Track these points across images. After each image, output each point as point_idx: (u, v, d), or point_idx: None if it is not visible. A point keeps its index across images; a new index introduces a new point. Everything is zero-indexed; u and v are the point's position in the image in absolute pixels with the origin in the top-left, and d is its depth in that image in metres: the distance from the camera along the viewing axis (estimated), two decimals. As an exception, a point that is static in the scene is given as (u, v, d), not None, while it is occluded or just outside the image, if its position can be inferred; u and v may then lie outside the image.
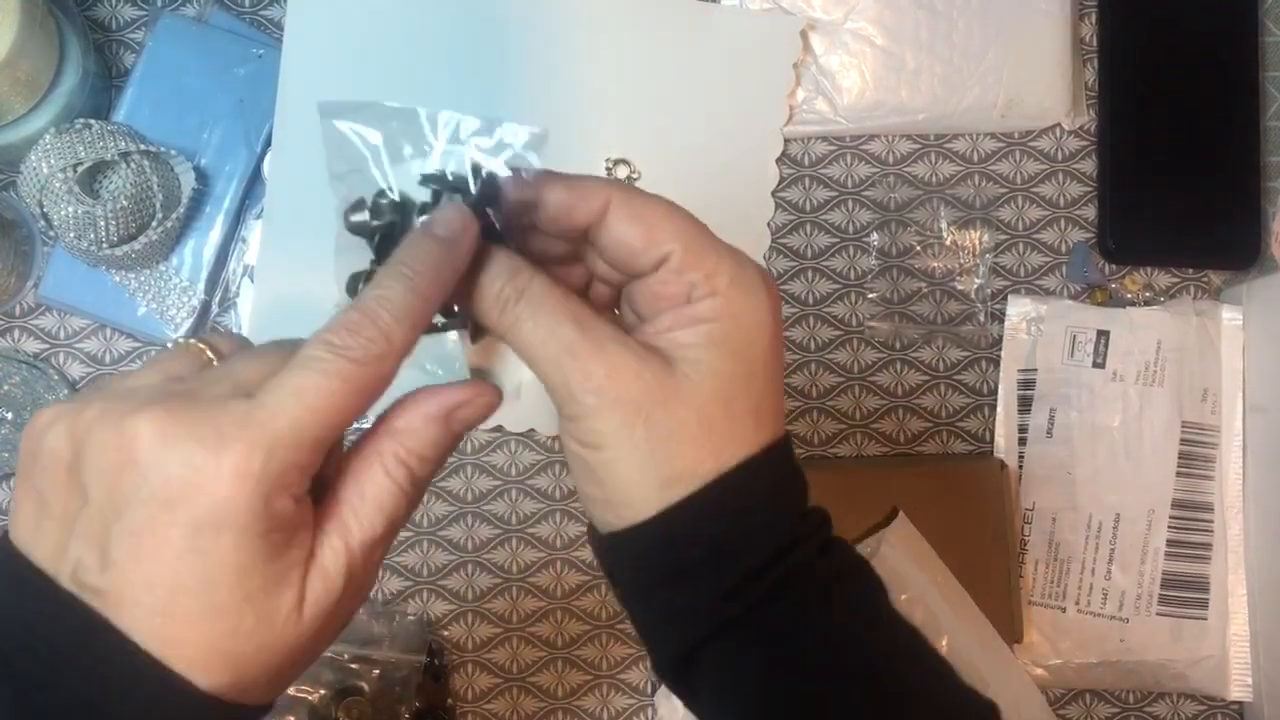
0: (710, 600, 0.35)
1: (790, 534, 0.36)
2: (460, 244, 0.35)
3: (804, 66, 0.71)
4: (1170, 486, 0.70)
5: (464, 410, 0.36)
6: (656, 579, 0.36)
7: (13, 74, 0.60)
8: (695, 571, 0.35)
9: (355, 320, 0.33)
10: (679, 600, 0.36)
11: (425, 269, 0.34)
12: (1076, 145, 0.73)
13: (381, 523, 0.34)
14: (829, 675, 0.36)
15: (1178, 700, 0.71)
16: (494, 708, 0.69)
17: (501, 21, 0.69)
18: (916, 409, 0.72)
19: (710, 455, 0.35)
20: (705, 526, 0.35)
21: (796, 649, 0.35)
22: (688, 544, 0.35)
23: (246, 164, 0.68)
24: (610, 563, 0.37)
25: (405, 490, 0.34)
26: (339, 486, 0.34)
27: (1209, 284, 0.73)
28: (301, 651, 0.33)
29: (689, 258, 0.35)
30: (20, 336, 0.69)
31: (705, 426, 0.34)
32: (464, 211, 0.35)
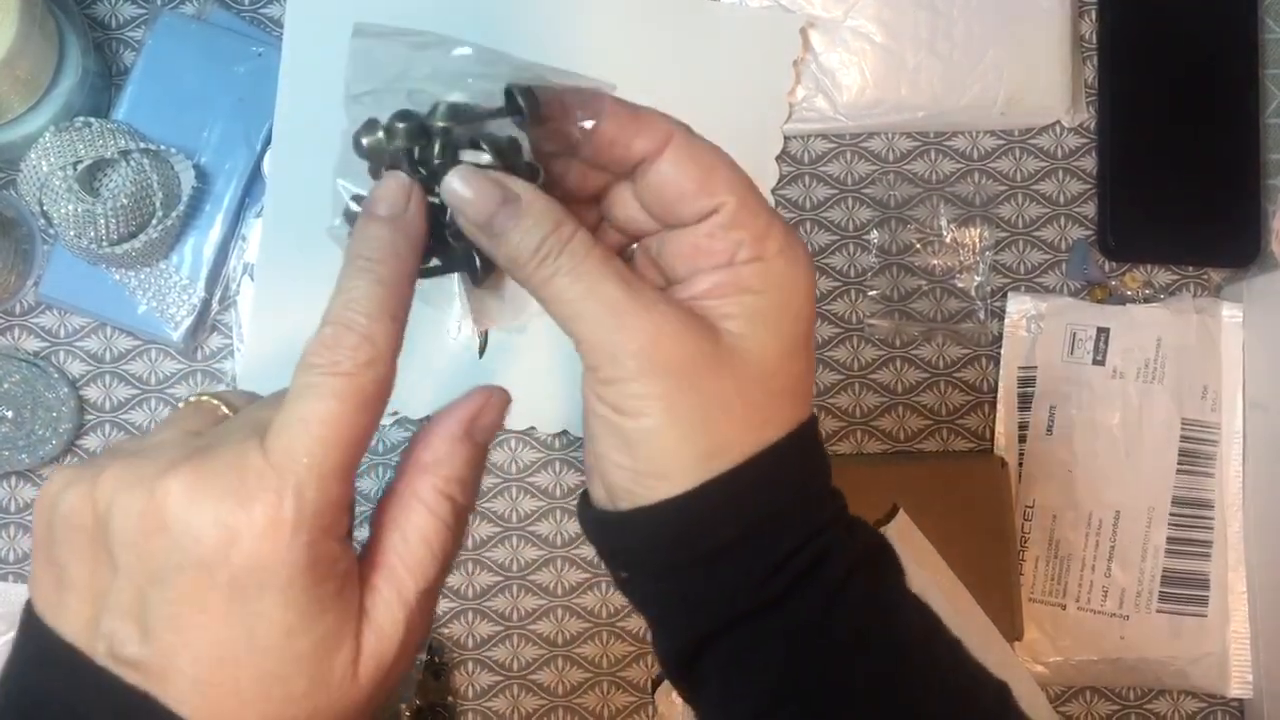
0: (747, 581, 0.33)
1: (822, 515, 0.35)
2: (408, 217, 0.33)
3: (804, 64, 0.71)
4: (1170, 484, 0.70)
5: (483, 418, 0.35)
6: (686, 558, 0.33)
7: (12, 72, 0.60)
8: (731, 550, 0.33)
9: (331, 335, 0.31)
10: (710, 581, 0.34)
11: (382, 255, 0.32)
12: (1076, 142, 0.73)
13: (433, 565, 0.32)
14: (855, 655, 0.34)
15: (1178, 697, 0.71)
16: (494, 705, 0.69)
17: (500, 20, 0.69)
18: (917, 406, 0.72)
19: (752, 430, 0.33)
20: (745, 504, 0.33)
21: (824, 632, 0.34)
22: (726, 521, 0.33)
23: (246, 162, 0.68)
24: (625, 540, 0.35)
25: (450, 525, 0.33)
26: (381, 537, 0.32)
27: (1209, 281, 0.73)
28: (358, 713, 0.31)
29: (742, 214, 0.33)
30: (20, 335, 0.69)
31: (748, 401, 0.33)
32: (401, 181, 0.33)
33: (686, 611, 0.35)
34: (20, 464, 0.67)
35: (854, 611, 0.35)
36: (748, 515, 0.33)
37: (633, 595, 0.37)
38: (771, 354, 0.33)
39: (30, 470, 0.68)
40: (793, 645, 0.34)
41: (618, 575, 0.36)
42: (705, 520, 0.33)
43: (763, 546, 0.34)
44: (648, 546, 0.34)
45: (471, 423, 0.34)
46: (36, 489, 0.68)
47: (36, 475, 0.68)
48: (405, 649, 0.32)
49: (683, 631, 0.35)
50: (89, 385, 0.69)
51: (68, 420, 0.67)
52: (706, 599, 0.34)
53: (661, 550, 0.34)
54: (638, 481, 0.33)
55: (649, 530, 0.34)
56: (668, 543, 0.34)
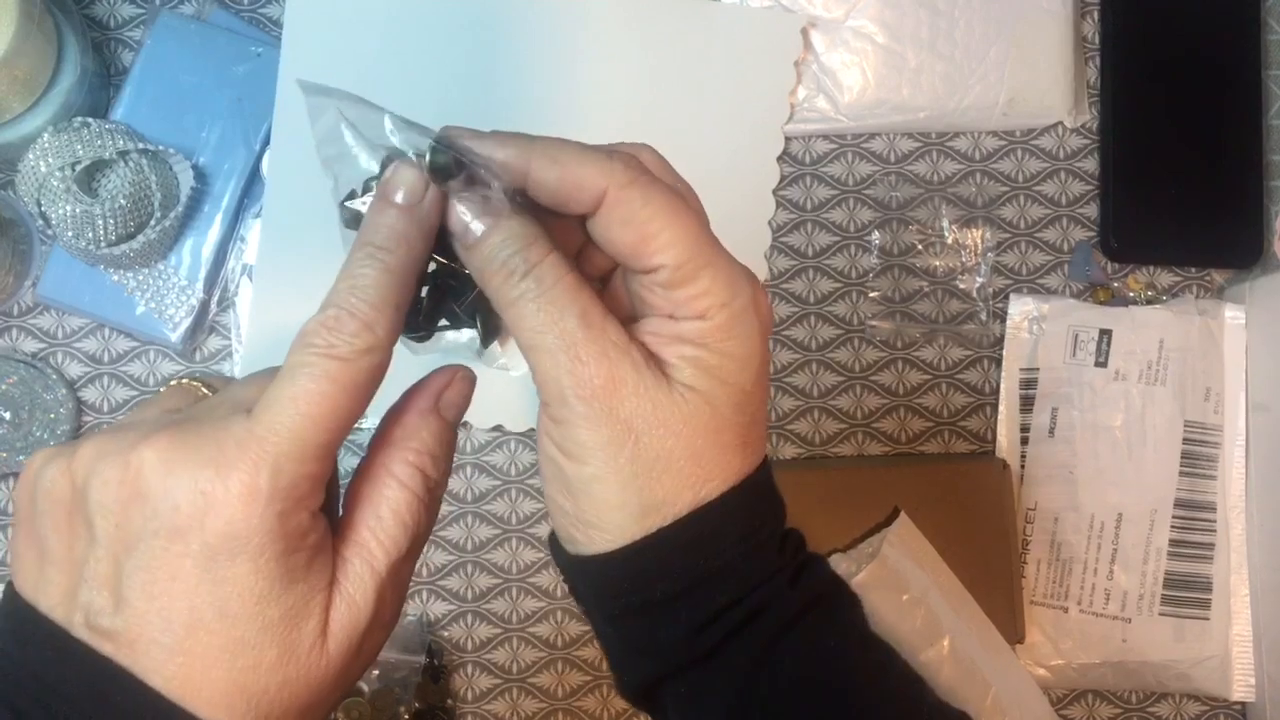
0: (681, 635, 0.34)
1: (766, 566, 0.34)
2: (424, 208, 0.32)
3: (805, 64, 0.70)
4: (1173, 486, 0.69)
5: (449, 392, 0.35)
6: (623, 608, 0.34)
7: (10, 72, 0.60)
8: (665, 605, 0.33)
9: (333, 317, 0.31)
10: (647, 632, 0.34)
11: (394, 244, 0.32)
12: (1078, 143, 0.73)
13: (405, 538, 0.33)
14: (796, 705, 0.34)
15: (1180, 701, 0.71)
16: (494, 708, 0.69)
17: (501, 19, 0.69)
18: (918, 408, 0.71)
19: (691, 487, 0.33)
20: (679, 561, 0.33)
21: (763, 682, 0.34)
22: (659, 578, 0.33)
23: (245, 162, 0.68)
24: (575, 583, 0.36)
25: (422, 498, 0.33)
26: (353, 510, 0.33)
27: (1211, 283, 0.73)
28: (329, 687, 0.32)
29: (677, 275, 0.32)
30: (18, 336, 0.68)
31: (692, 457, 0.33)
32: (419, 169, 0.33)
33: (633, 656, 0.35)
34: (18, 466, 0.67)
35: (797, 660, 0.34)
36: (680, 573, 0.33)
37: (591, 626, 0.38)
38: (721, 406, 0.33)
39: (28, 472, 0.68)
40: (734, 696, 0.34)
41: (579, 605, 0.37)
42: (637, 576, 0.33)
43: (696, 602, 0.33)
44: (590, 592, 0.35)
45: (439, 395, 0.35)
46: (34, 490, 0.68)
47: (34, 477, 0.68)
48: (377, 621, 0.32)
49: (631, 672, 0.36)
50: (87, 386, 0.69)
51: (66, 422, 0.67)
52: (647, 649, 0.34)
53: (604, 598, 0.34)
54: (578, 528, 0.33)
55: (589, 578, 0.34)
56: (607, 593, 0.34)
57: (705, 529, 0.33)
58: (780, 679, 0.34)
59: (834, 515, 0.65)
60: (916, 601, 0.62)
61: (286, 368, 0.31)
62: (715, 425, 0.33)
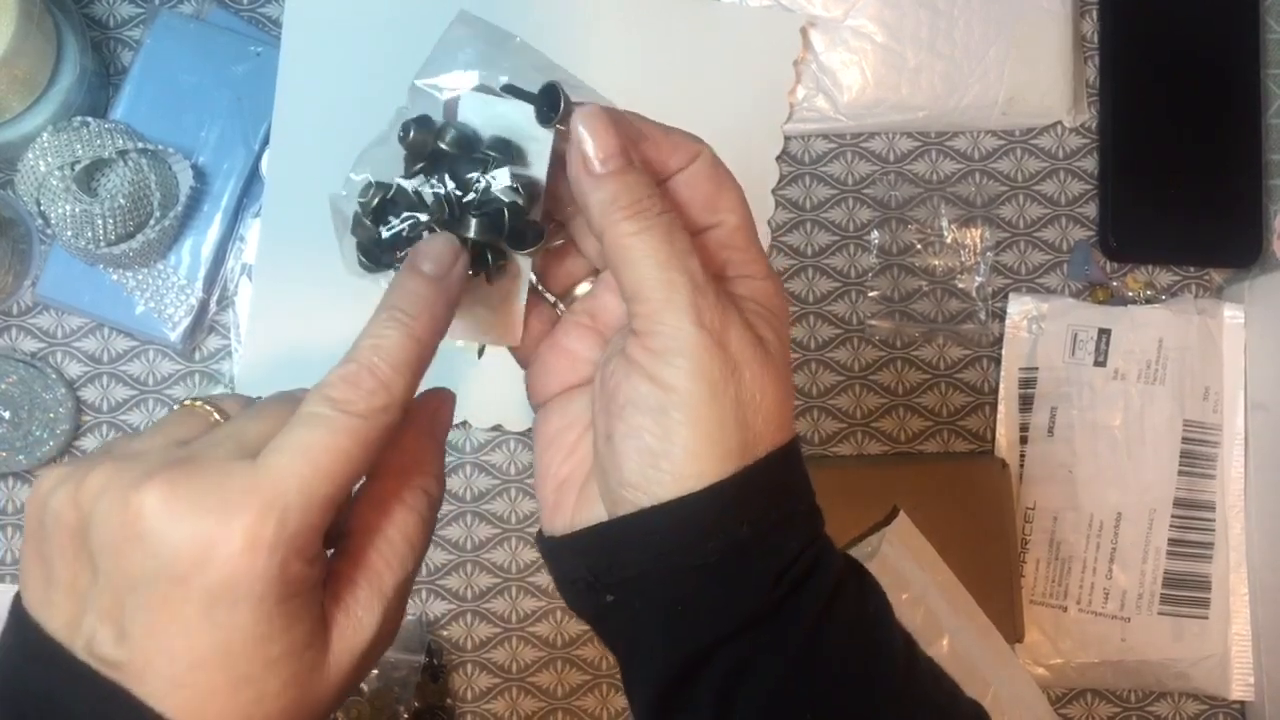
0: (766, 581, 0.33)
1: (818, 522, 0.36)
2: (451, 279, 0.34)
3: (804, 64, 0.70)
4: (1172, 485, 0.69)
5: (440, 415, 0.37)
6: (698, 559, 0.32)
7: (10, 72, 0.60)
8: (745, 552, 0.33)
9: (354, 373, 0.32)
10: (719, 586, 0.33)
11: (419, 311, 0.33)
12: (1078, 143, 0.73)
13: (411, 559, 0.34)
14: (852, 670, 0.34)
15: (1179, 700, 0.71)
16: (493, 708, 0.69)
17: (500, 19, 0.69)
18: (917, 408, 0.71)
19: (776, 430, 0.34)
20: (762, 502, 0.33)
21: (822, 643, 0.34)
22: (747, 519, 0.33)
23: (245, 162, 0.68)
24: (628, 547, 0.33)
25: (426, 518, 0.35)
26: (364, 539, 0.34)
27: (1210, 282, 0.73)
28: (331, 702, 0.32)
29: (737, 234, 0.35)
30: (18, 335, 0.68)
31: (778, 401, 0.34)
32: (452, 243, 0.34)
33: (686, 623, 0.33)
34: (18, 465, 0.67)
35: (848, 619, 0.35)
36: (763, 514, 0.33)
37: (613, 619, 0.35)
38: (782, 358, 0.35)
39: (28, 471, 0.68)
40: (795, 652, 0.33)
41: (595, 601, 0.35)
42: (726, 515, 0.33)
43: (774, 548, 0.33)
44: (658, 549, 0.33)
45: (433, 417, 0.36)
46: (34, 490, 0.68)
47: (34, 477, 0.68)
48: (380, 638, 0.33)
49: (679, 648, 0.34)
50: (86, 386, 0.69)
51: (65, 421, 0.67)
52: (713, 605, 0.33)
53: (674, 552, 0.33)
54: (662, 465, 0.33)
55: (666, 526, 0.33)
56: (682, 543, 0.33)
57: (786, 473, 0.34)
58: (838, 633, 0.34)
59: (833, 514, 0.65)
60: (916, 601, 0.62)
61: (300, 416, 0.31)
62: (785, 374, 0.35)
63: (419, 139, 0.35)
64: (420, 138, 0.35)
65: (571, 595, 0.37)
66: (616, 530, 0.34)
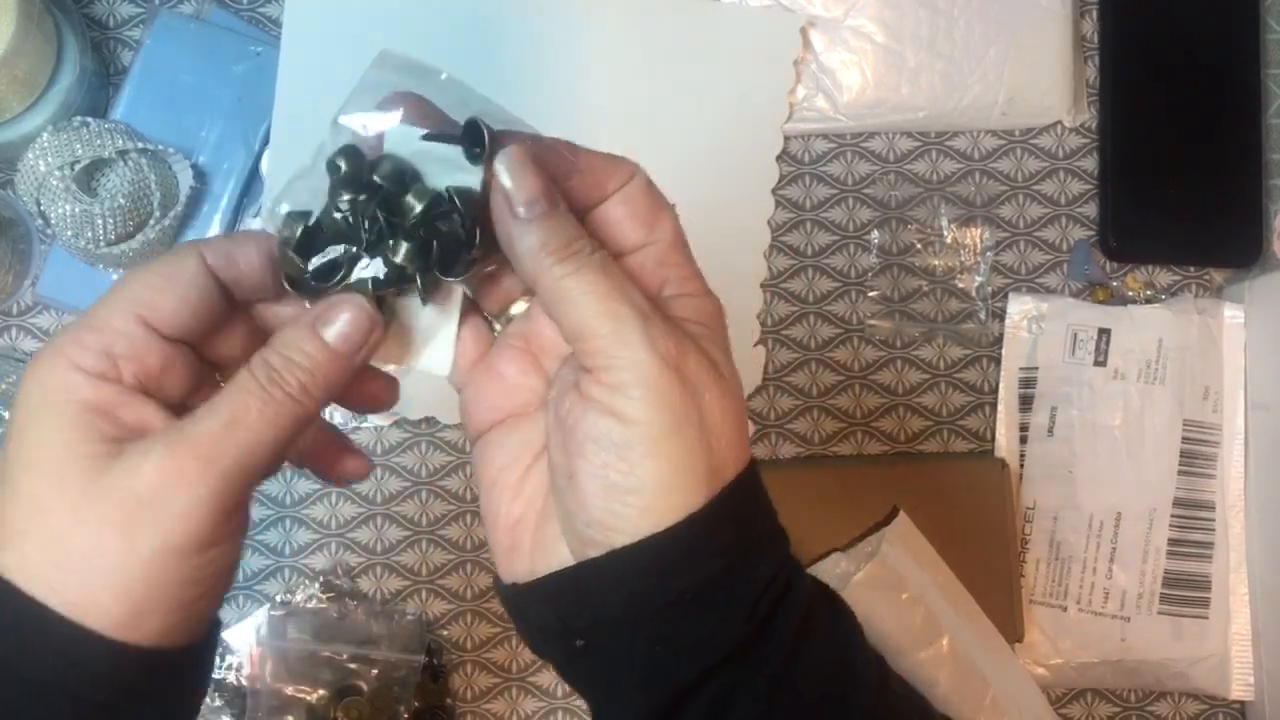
0: (740, 612, 0.32)
1: (786, 545, 0.34)
2: (357, 359, 0.33)
3: (804, 64, 0.70)
4: (1172, 485, 0.69)
5: (329, 312, 0.34)
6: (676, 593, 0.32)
7: (10, 72, 0.60)
8: (723, 580, 0.32)
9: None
10: (696, 620, 0.32)
11: (315, 386, 0.33)
12: (1078, 143, 0.73)
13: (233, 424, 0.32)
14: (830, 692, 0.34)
15: (1179, 699, 0.71)
16: (493, 707, 0.69)
17: (500, 19, 0.69)
18: (917, 407, 0.71)
19: (738, 451, 0.33)
20: (732, 531, 0.32)
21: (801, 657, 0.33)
22: (720, 549, 0.32)
23: (244, 162, 0.68)
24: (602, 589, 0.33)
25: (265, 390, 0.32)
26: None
27: (1210, 282, 0.73)
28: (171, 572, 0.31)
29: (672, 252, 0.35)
30: (18, 335, 0.68)
31: (736, 424, 0.33)
32: (368, 316, 0.33)
33: (665, 661, 0.32)
34: (17, 465, 0.66)
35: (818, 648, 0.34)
36: (735, 542, 0.33)
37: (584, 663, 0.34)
38: (733, 379, 0.34)
39: (27, 471, 0.68)
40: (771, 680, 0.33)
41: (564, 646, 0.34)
42: (699, 548, 0.32)
43: (746, 577, 0.33)
44: (631, 590, 0.32)
45: (319, 318, 0.35)
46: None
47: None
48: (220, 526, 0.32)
49: (659, 687, 0.33)
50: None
51: (65, 421, 0.67)
52: (692, 642, 0.32)
53: (649, 592, 0.32)
54: (629, 501, 0.32)
55: (639, 566, 0.32)
56: (658, 581, 0.32)
57: (752, 496, 0.33)
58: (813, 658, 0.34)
59: (833, 514, 0.65)
60: (915, 600, 0.62)
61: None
62: (739, 395, 0.34)
63: (351, 171, 0.34)
64: (352, 170, 0.34)
65: (538, 641, 0.35)
66: (587, 574, 0.33)
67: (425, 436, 0.69)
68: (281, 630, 0.65)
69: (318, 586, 0.68)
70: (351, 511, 0.69)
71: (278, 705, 0.64)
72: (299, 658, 0.64)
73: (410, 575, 0.69)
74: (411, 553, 0.69)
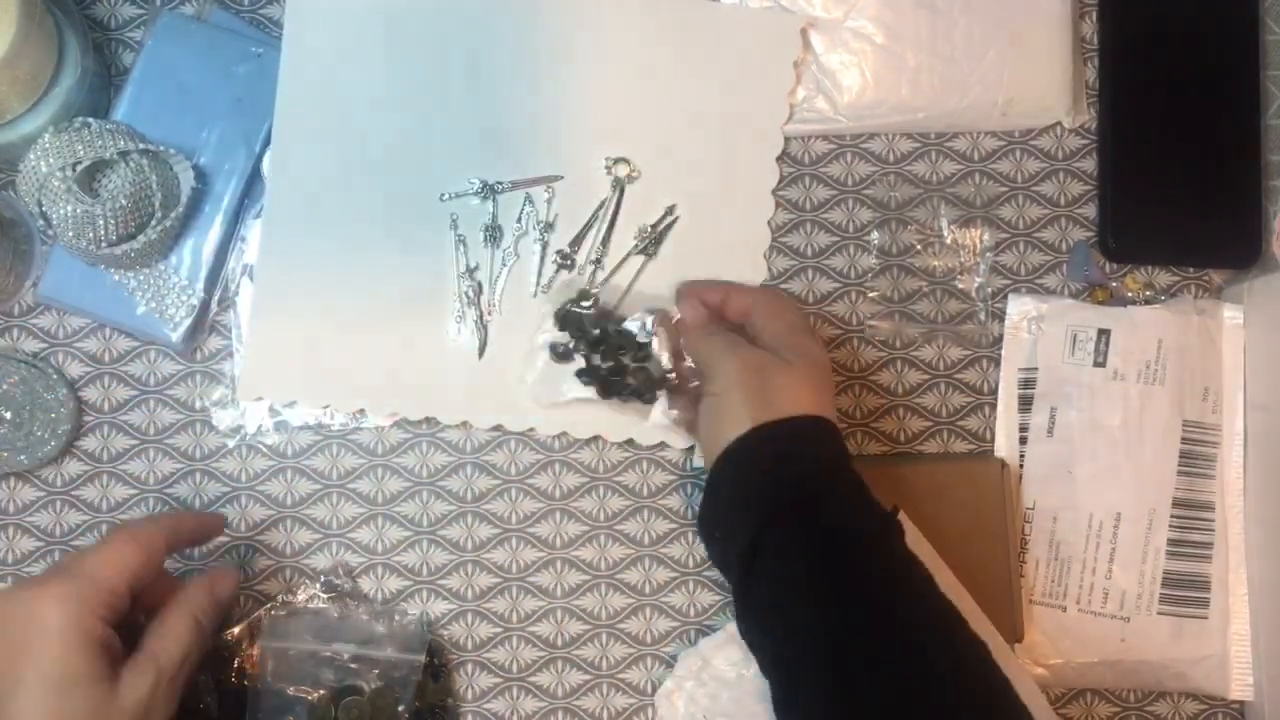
0: (800, 475, 0.56)
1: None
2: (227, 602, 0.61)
3: (804, 65, 0.71)
4: (1171, 485, 0.69)
5: (221, 581, 0.59)
6: (768, 461, 0.56)
7: (11, 73, 0.60)
8: (796, 455, 0.57)
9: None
10: (777, 478, 0.56)
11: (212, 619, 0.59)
12: (1077, 144, 0.73)
13: (180, 653, 0.54)
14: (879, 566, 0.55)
15: (1179, 699, 0.71)
16: (494, 707, 0.69)
17: (500, 20, 0.69)
18: (917, 408, 0.71)
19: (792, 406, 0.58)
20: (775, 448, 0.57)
21: (845, 533, 0.55)
22: (791, 439, 0.57)
23: (246, 163, 0.68)
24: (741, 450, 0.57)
25: (195, 633, 0.56)
26: (153, 631, 0.55)
27: (1210, 283, 0.73)
28: None
29: (753, 324, 0.64)
30: (19, 336, 0.68)
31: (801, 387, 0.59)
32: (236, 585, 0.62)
33: (748, 509, 0.56)
34: (19, 465, 0.67)
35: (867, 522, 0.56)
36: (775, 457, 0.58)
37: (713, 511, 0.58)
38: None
39: (29, 471, 0.68)
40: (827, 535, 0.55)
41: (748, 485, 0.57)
42: (786, 435, 0.58)
43: (806, 456, 0.58)
44: (744, 457, 0.57)
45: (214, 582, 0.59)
46: (35, 490, 0.68)
47: (35, 476, 0.68)
48: (153, 698, 0.53)
49: (742, 531, 0.56)
50: (88, 386, 0.69)
51: (66, 421, 0.67)
52: (771, 491, 0.56)
53: (751, 459, 0.58)
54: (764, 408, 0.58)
55: (751, 441, 0.57)
56: (758, 452, 0.58)
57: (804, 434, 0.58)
58: (858, 535, 0.55)
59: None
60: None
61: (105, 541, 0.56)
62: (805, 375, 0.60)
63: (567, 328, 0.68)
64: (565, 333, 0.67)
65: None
66: (720, 453, 0.58)
67: (426, 437, 0.69)
68: (282, 630, 0.65)
69: (319, 586, 0.68)
70: (352, 512, 0.69)
71: (278, 705, 0.64)
72: (300, 658, 0.64)
73: (411, 575, 0.69)
74: (412, 553, 0.69)
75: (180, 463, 0.69)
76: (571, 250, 0.69)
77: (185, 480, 0.69)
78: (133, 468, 0.69)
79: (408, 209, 0.69)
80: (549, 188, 0.69)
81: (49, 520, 0.68)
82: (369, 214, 0.68)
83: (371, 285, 0.68)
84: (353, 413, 0.69)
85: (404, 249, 0.68)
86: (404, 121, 0.69)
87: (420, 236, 0.69)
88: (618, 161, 0.69)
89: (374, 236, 0.68)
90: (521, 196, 0.69)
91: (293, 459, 0.69)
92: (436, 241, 0.69)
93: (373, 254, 0.68)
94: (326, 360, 0.68)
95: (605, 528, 0.70)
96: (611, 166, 0.69)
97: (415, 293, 0.68)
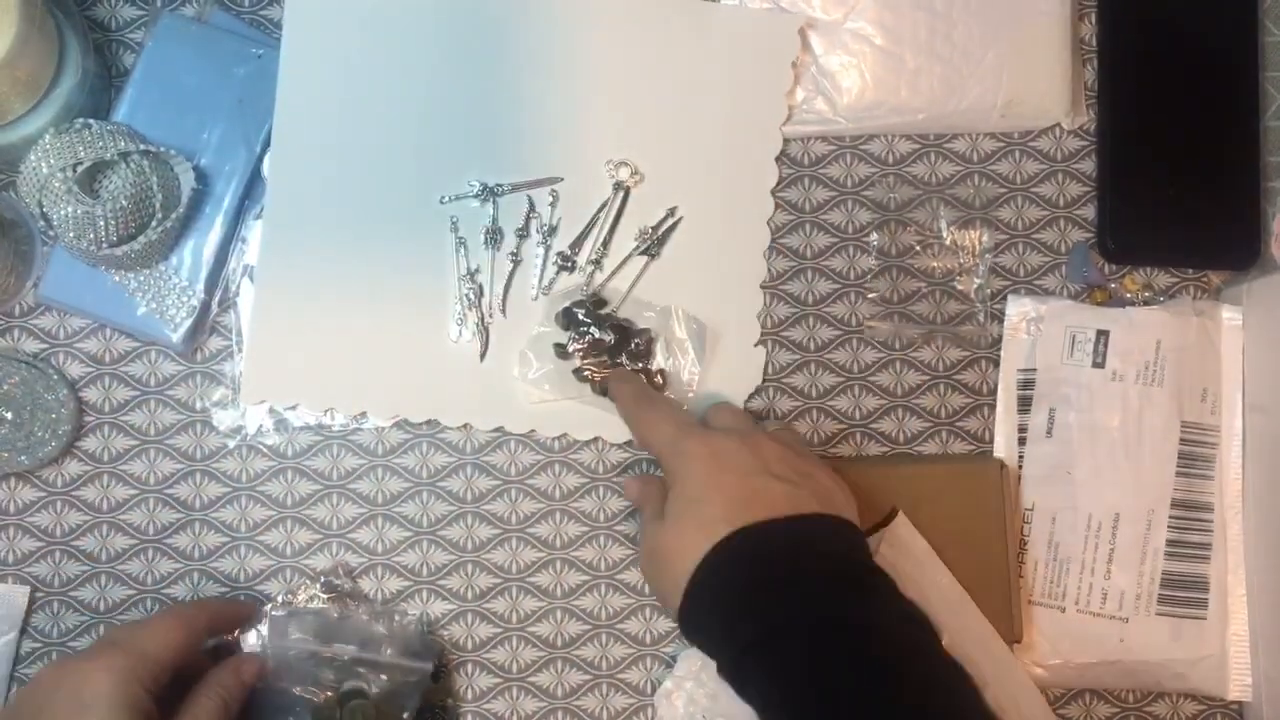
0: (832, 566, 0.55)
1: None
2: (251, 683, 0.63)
3: (803, 66, 0.71)
4: (1170, 486, 0.70)
5: (245, 666, 0.62)
6: (780, 569, 0.54)
7: (12, 74, 0.60)
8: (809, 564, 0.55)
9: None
10: (790, 589, 0.54)
11: (236, 701, 0.61)
12: (1076, 145, 0.73)
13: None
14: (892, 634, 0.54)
15: (1177, 700, 0.71)
16: (494, 707, 0.69)
17: (500, 21, 0.69)
18: (916, 409, 0.72)
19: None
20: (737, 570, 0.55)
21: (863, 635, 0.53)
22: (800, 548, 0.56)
23: (246, 164, 0.68)
24: (749, 548, 0.55)
25: (222, 708, 0.60)
26: (189, 701, 0.59)
27: (1209, 284, 0.73)
28: None
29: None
30: (20, 336, 0.69)
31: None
32: (261, 668, 0.64)
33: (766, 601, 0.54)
34: (20, 465, 0.67)
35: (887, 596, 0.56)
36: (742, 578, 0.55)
37: (710, 611, 0.55)
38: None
39: (29, 472, 0.68)
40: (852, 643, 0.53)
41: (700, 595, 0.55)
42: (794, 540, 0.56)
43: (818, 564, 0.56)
44: (756, 555, 0.55)
45: (240, 666, 0.63)
46: (36, 490, 0.68)
47: (35, 477, 0.68)
48: None
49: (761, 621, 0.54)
50: (88, 387, 0.69)
51: (67, 422, 0.67)
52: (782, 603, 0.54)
53: (759, 560, 0.56)
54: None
55: (759, 541, 0.55)
56: (766, 555, 0.56)
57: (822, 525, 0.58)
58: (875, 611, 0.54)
59: (832, 515, 0.65)
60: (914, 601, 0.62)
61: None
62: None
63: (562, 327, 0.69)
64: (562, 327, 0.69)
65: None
66: (722, 546, 0.56)
67: (426, 437, 0.70)
68: (283, 630, 0.65)
69: (319, 587, 0.68)
70: (353, 512, 0.69)
71: (279, 705, 0.64)
72: (300, 658, 0.64)
73: (411, 576, 0.69)
74: (412, 553, 0.69)
75: (181, 463, 0.69)
76: (572, 252, 0.69)
77: (186, 481, 0.69)
78: (133, 468, 0.69)
79: (408, 210, 0.69)
80: (551, 190, 0.69)
81: (49, 520, 0.68)
82: (369, 215, 0.68)
83: (372, 287, 0.68)
84: (354, 415, 0.69)
85: (404, 251, 0.68)
86: (404, 123, 0.69)
87: (421, 238, 0.69)
88: (619, 164, 0.69)
89: (374, 238, 0.68)
90: (521, 198, 0.69)
91: (293, 459, 0.69)
92: (437, 243, 0.69)
93: (373, 255, 0.68)
94: (328, 363, 0.68)
95: (605, 528, 0.70)
96: (614, 169, 0.69)
97: (416, 295, 0.68)
